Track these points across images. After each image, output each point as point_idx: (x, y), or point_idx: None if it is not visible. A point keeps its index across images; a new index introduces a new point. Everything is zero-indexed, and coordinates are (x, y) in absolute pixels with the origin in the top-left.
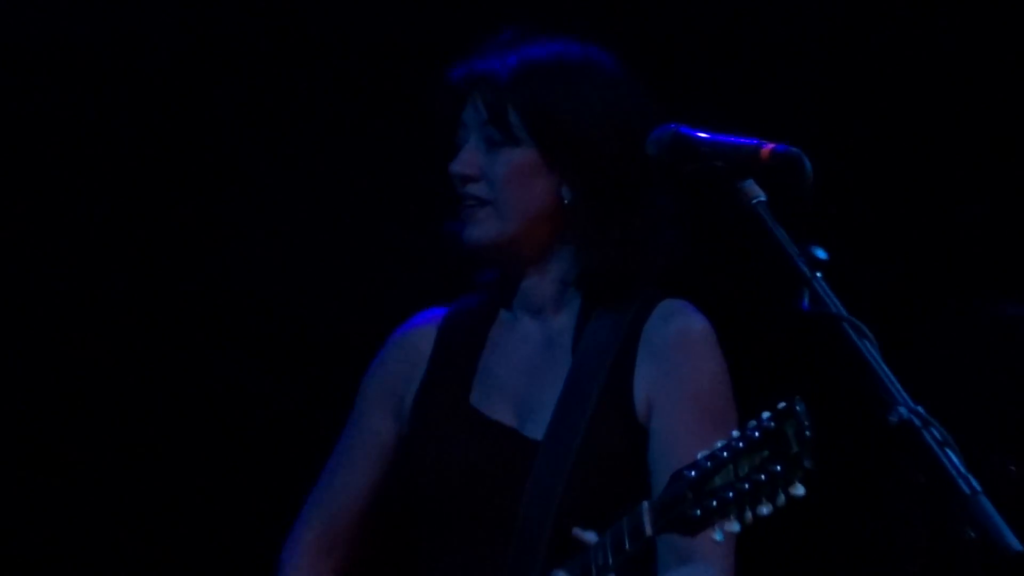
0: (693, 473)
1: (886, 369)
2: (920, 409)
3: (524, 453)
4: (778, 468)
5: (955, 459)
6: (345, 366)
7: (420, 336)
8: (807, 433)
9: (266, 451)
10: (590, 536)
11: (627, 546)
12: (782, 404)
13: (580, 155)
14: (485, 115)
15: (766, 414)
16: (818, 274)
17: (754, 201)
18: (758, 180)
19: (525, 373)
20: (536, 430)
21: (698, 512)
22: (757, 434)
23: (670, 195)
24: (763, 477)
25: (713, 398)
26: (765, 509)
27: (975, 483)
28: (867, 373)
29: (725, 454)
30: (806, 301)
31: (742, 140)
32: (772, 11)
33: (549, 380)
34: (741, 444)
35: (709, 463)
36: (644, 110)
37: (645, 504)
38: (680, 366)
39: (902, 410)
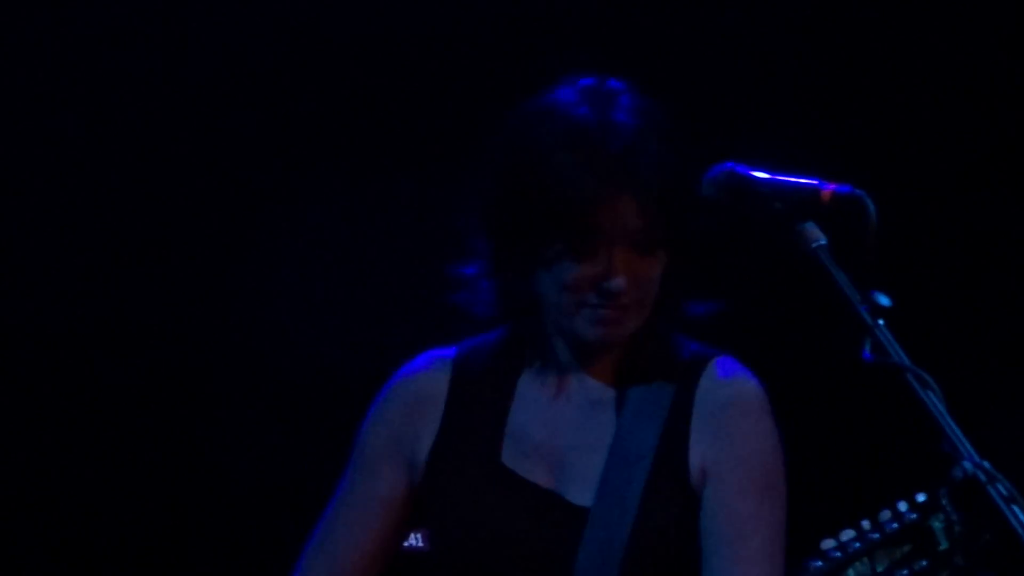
0: (820, 564)
1: (951, 422)
2: (986, 464)
3: (571, 520)
4: (924, 564)
5: (1022, 516)
6: (338, 410)
7: (429, 382)
8: (957, 528)
9: (259, 494)
10: None
11: None
12: (922, 496)
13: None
14: (639, 224)
15: (903, 505)
16: (881, 321)
17: (814, 245)
18: (819, 222)
19: (563, 433)
20: (581, 496)
21: None
22: (896, 525)
23: (718, 241)
24: (906, 573)
25: (767, 467)
26: None
27: None
28: (931, 426)
29: (858, 545)
30: (868, 350)
31: (802, 180)
32: (830, 46)
33: (591, 442)
34: (876, 535)
35: (839, 553)
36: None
37: None
38: (736, 434)
39: (967, 464)
